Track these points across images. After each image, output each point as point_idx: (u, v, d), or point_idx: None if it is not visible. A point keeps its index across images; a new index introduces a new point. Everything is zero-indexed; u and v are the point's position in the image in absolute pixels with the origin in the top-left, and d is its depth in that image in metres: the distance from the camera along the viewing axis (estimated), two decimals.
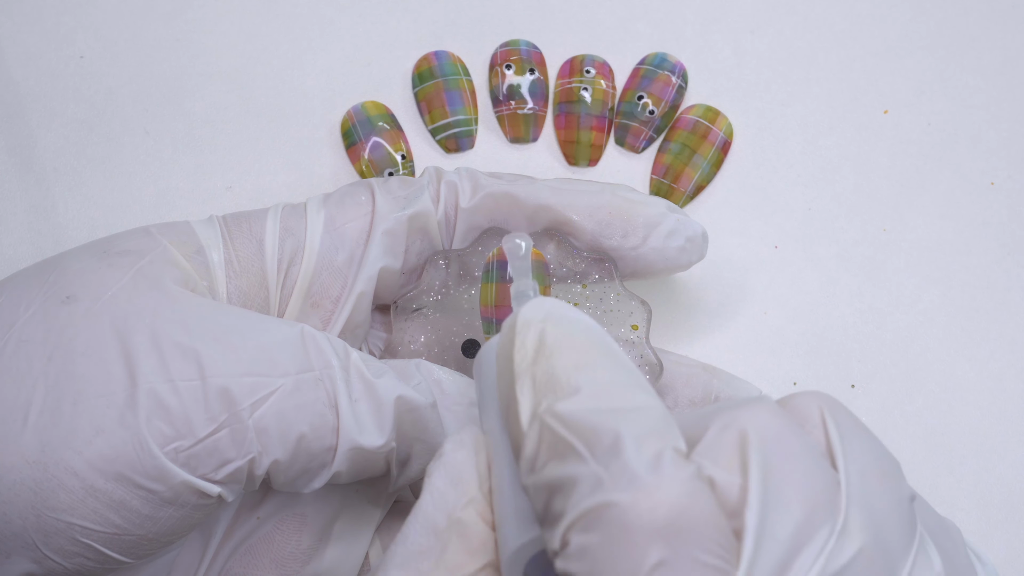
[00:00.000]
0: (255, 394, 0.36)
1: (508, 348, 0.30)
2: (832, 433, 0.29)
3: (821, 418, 0.30)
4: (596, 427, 0.27)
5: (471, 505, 0.30)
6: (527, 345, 0.30)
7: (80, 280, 0.38)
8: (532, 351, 0.30)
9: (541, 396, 0.29)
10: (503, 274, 0.42)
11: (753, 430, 0.28)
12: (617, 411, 0.28)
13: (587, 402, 0.28)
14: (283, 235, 0.42)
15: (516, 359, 0.30)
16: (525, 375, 0.29)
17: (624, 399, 0.28)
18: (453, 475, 0.31)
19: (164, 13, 0.55)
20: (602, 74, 0.54)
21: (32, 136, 0.53)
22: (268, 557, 0.41)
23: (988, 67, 0.55)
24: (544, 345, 0.30)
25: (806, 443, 0.28)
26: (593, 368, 0.29)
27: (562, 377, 0.29)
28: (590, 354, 0.29)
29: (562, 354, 0.29)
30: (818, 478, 0.28)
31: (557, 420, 0.28)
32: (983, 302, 0.52)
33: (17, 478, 0.35)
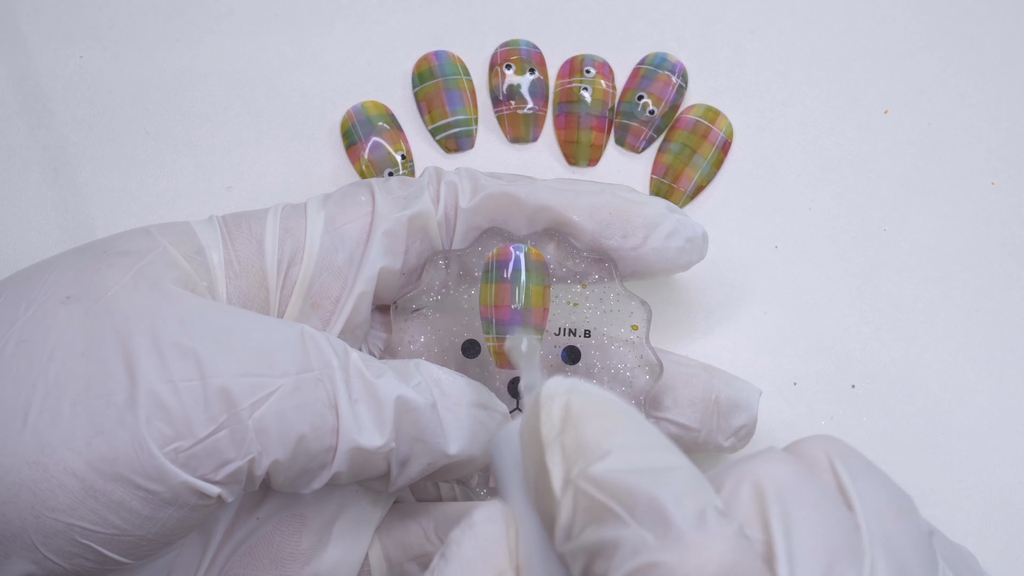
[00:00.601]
0: (255, 394, 0.36)
1: (534, 422, 0.31)
2: (843, 475, 0.30)
3: (829, 462, 0.30)
4: (632, 488, 0.28)
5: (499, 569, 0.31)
6: (553, 416, 0.30)
7: (80, 280, 0.38)
8: (559, 421, 0.30)
9: (572, 462, 0.29)
10: (502, 274, 0.42)
11: (767, 482, 0.28)
12: (651, 472, 0.28)
13: (619, 464, 0.29)
14: (283, 235, 0.42)
15: (543, 430, 0.30)
16: (554, 444, 0.30)
17: (655, 460, 0.29)
18: (484, 546, 0.31)
19: (164, 13, 0.55)
20: (602, 74, 0.54)
21: (32, 136, 0.53)
22: (268, 558, 0.41)
23: (988, 67, 0.55)
24: (571, 414, 0.30)
25: (820, 488, 0.29)
26: (621, 432, 0.30)
27: (591, 442, 0.29)
28: (616, 419, 0.30)
29: (589, 421, 0.30)
30: (838, 523, 0.28)
31: (591, 484, 0.28)
32: (983, 302, 0.52)
33: (16, 479, 0.35)
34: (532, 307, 0.42)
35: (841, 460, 0.30)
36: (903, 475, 0.49)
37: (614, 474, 0.28)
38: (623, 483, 0.28)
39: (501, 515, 0.31)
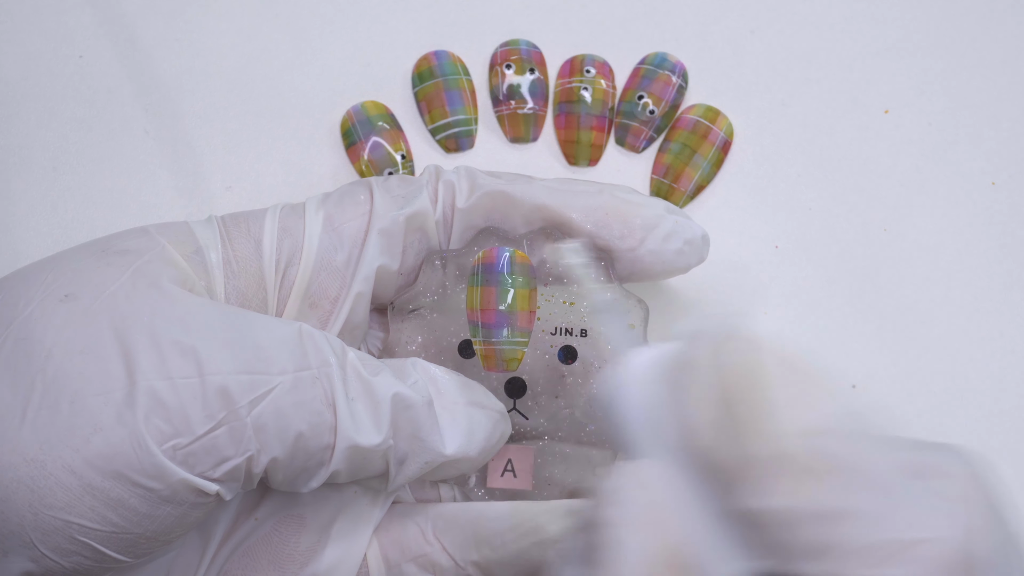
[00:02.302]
0: (253, 392, 0.36)
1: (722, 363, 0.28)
2: None
3: None
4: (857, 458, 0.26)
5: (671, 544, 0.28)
6: (751, 366, 0.28)
7: (78, 279, 0.38)
8: (758, 375, 0.28)
9: (779, 421, 0.27)
10: (488, 277, 0.42)
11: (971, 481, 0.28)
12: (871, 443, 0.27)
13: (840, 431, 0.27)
14: (281, 235, 0.42)
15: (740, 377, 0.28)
16: (754, 395, 0.27)
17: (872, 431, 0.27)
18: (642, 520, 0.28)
19: (164, 13, 0.55)
20: (602, 74, 0.54)
21: (32, 136, 0.53)
22: (266, 558, 0.41)
23: (988, 67, 0.55)
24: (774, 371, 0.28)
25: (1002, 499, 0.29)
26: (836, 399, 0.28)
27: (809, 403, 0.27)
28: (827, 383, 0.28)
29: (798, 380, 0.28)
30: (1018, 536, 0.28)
31: (807, 446, 0.26)
32: (983, 302, 0.52)
33: (14, 476, 0.35)
34: (518, 310, 0.42)
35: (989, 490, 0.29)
36: None
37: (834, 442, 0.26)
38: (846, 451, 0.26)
39: (650, 478, 0.29)
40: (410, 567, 0.42)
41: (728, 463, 0.28)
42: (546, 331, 0.44)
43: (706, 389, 0.28)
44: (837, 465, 0.26)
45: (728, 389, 0.28)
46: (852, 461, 0.26)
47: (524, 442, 0.44)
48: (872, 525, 0.26)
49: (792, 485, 0.26)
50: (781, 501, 0.27)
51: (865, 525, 0.26)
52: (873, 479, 0.26)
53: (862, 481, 0.26)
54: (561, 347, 0.44)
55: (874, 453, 0.27)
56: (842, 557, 0.26)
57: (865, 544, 0.26)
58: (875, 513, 0.26)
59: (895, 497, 0.26)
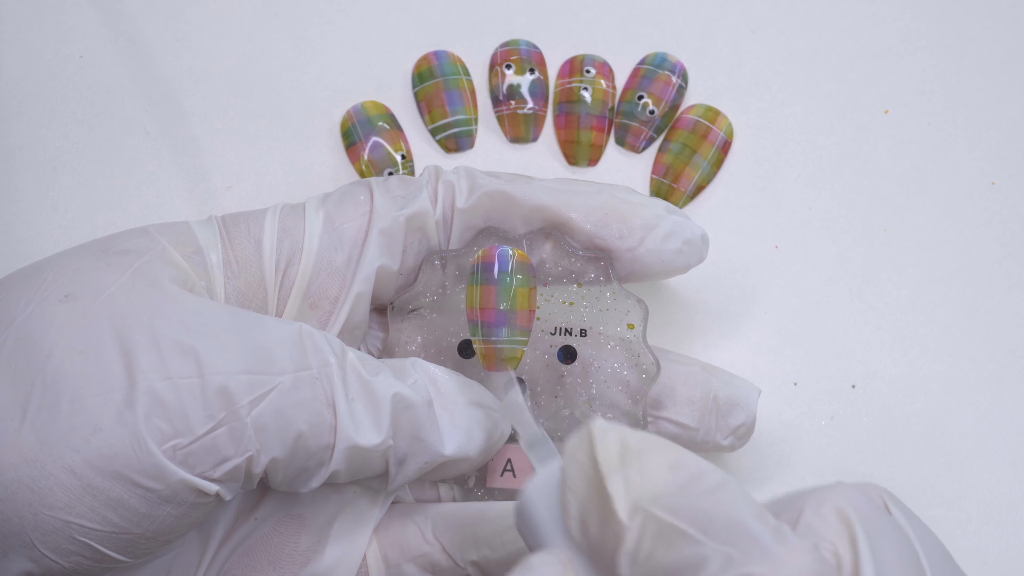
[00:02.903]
0: (253, 392, 0.36)
1: (586, 456, 0.31)
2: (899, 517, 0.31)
3: (883, 503, 0.31)
4: (708, 510, 0.29)
5: None
6: (610, 449, 0.31)
7: (78, 279, 0.38)
8: (617, 454, 0.30)
9: (637, 492, 0.30)
10: (488, 276, 0.42)
11: (850, 508, 0.30)
12: (719, 496, 0.29)
13: (692, 487, 0.29)
14: (281, 235, 0.42)
15: (602, 461, 0.30)
16: (615, 474, 0.30)
17: (721, 483, 0.30)
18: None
19: (164, 13, 0.55)
20: (602, 74, 0.54)
21: (32, 136, 0.53)
22: (266, 558, 0.41)
23: (988, 67, 0.55)
24: (629, 447, 0.30)
25: (893, 523, 0.30)
26: (683, 461, 0.30)
27: (655, 472, 0.30)
28: (675, 449, 0.31)
29: (650, 452, 0.30)
30: (912, 559, 0.29)
31: (664, 510, 0.29)
32: (983, 302, 0.52)
33: (14, 476, 0.35)
34: (518, 309, 0.42)
35: (893, 503, 0.31)
36: (903, 475, 0.49)
37: (684, 499, 0.29)
38: (698, 506, 0.29)
39: (558, 559, 0.31)
40: (410, 567, 0.42)
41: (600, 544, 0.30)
42: (546, 331, 0.44)
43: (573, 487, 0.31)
44: (692, 521, 0.28)
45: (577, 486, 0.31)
46: (705, 516, 0.29)
47: None
48: (723, 568, 0.28)
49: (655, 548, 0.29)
50: (646, 565, 0.29)
51: (717, 569, 0.28)
52: (723, 527, 0.28)
53: (713, 531, 0.28)
54: (561, 347, 0.44)
55: (724, 505, 0.29)
56: None
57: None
58: (724, 557, 0.28)
59: (744, 539, 0.28)
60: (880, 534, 0.29)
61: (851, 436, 0.50)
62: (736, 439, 0.45)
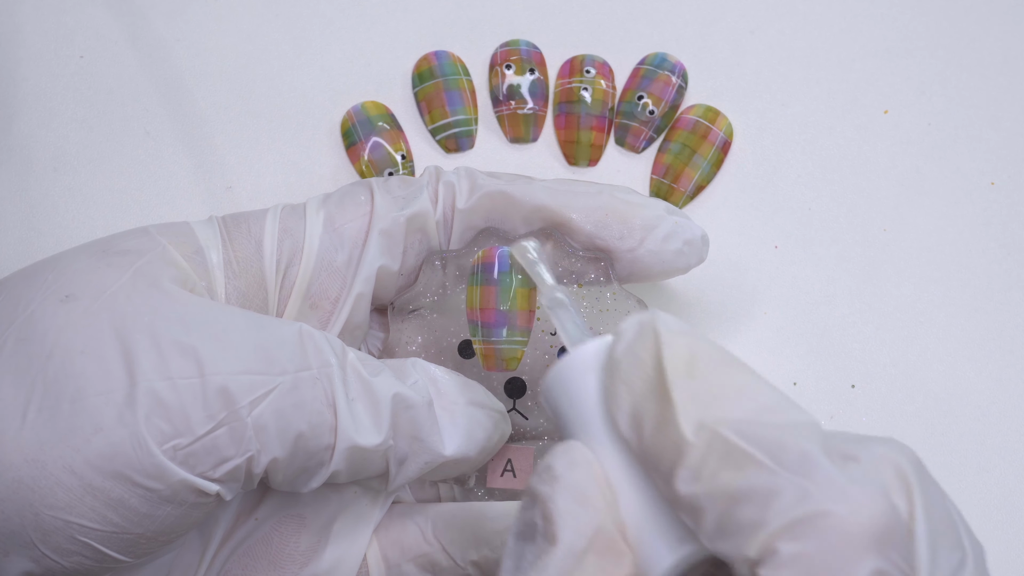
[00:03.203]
0: (253, 392, 0.36)
1: (650, 357, 0.29)
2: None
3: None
4: (780, 440, 0.27)
5: (606, 521, 0.29)
6: (678, 356, 0.29)
7: (79, 279, 0.38)
8: (684, 364, 0.29)
9: (706, 407, 0.28)
10: (488, 277, 0.42)
11: (906, 465, 0.28)
12: (792, 427, 0.28)
13: (760, 416, 0.28)
14: (282, 236, 0.42)
15: (669, 368, 0.29)
16: (682, 385, 0.28)
17: (792, 416, 0.28)
18: (577, 495, 0.29)
19: (164, 13, 0.55)
20: (602, 74, 0.54)
21: (32, 136, 0.53)
22: (266, 558, 0.41)
23: (988, 67, 0.55)
24: (698, 360, 0.29)
25: (937, 486, 0.29)
26: (754, 386, 0.29)
27: (728, 391, 0.28)
28: (746, 373, 0.29)
29: (721, 370, 0.29)
30: (955, 525, 0.29)
31: (734, 431, 0.27)
32: (983, 302, 0.52)
33: (15, 476, 0.35)
34: (518, 309, 0.42)
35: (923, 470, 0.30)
36: None
37: (757, 426, 0.27)
38: (769, 434, 0.27)
39: (583, 458, 0.30)
40: (410, 567, 0.42)
41: (656, 451, 0.29)
42: (546, 331, 0.44)
43: (629, 382, 0.30)
44: (764, 449, 0.27)
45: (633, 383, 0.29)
46: (777, 445, 0.27)
47: (524, 442, 0.44)
48: (797, 501, 0.27)
49: (720, 469, 0.27)
50: (709, 485, 0.27)
51: (791, 501, 0.27)
52: (794, 459, 0.27)
53: (786, 462, 0.27)
54: (561, 347, 0.44)
55: (796, 438, 0.27)
56: (773, 533, 0.27)
57: (792, 518, 0.26)
58: (799, 490, 0.27)
59: (818, 475, 0.27)
60: (931, 497, 0.28)
61: None
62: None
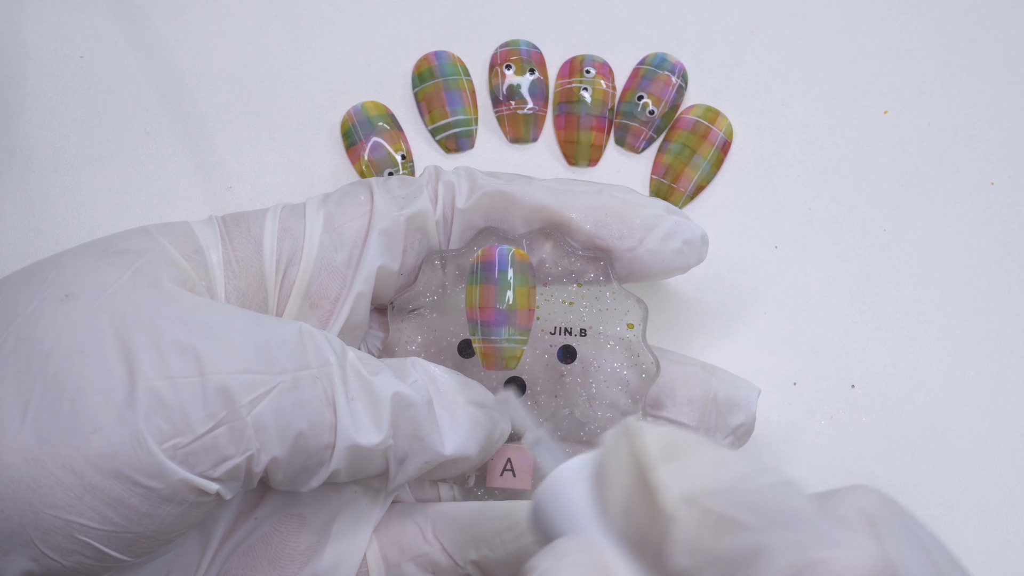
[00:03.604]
0: (253, 391, 0.36)
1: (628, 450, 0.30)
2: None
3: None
4: (764, 501, 0.28)
5: None
6: (654, 444, 0.30)
7: (79, 278, 0.38)
8: (661, 450, 0.30)
9: (688, 485, 0.29)
10: (488, 275, 0.42)
11: (876, 509, 0.29)
12: (772, 488, 0.28)
13: (742, 484, 0.29)
14: (281, 235, 0.42)
15: (649, 454, 0.30)
16: (661, 467, 0.29)
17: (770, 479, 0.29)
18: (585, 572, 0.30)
19: (164, 13, 0.55)
20: (602, 74, 0.54)
21: (32, 136, 0.53)
22: (266, 558, 0.41)
23: (988, 67, 0.55)
24: (674, 444, 0.30)
25: (915, 521, 0.30)
26: (730, 459, 0.29)
27: (708, 467, 0.29)
28: (718, 449, 0.30)
29: (696, 450, 0.30)
30: (935, 558, 0.29)
31: (717, 500, 0.28)
32: (983, 302, 0.52)
33: (15, 475, 0.35)
34: (517, 308, 0.42)
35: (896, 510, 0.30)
36: (903, 475, 0.49)
37: (739, 492, 0.28)
38: (752, 498, 0.28)
39: (587, 544, 0.31)
40: (410, 567, 0.42)
41: (648, 535, 0.29)
42: (545, 331, 0.44)
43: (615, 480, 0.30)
44: (751, 511, 0.28)
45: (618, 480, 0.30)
46: (762, 506, 0.28)
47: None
48: (790, 553, 0.27)
49: (710, 538, 0.28)
50: (701, 555, 0.28)
51: (784, 554, 0.27)
52: (781, 516, 0.27)
53: (774, 520, 0.27)
54: (560, 347, 0.44)
55: (778, 497, 0.28)
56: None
57: (788, 570, 0.27)
58: (790, 543, 0.27)
59: (807, 527, 0.27)
60: (911, 537, 0.28)
61: (851, 436, 0.50)
62: (736, 439, 0.45)
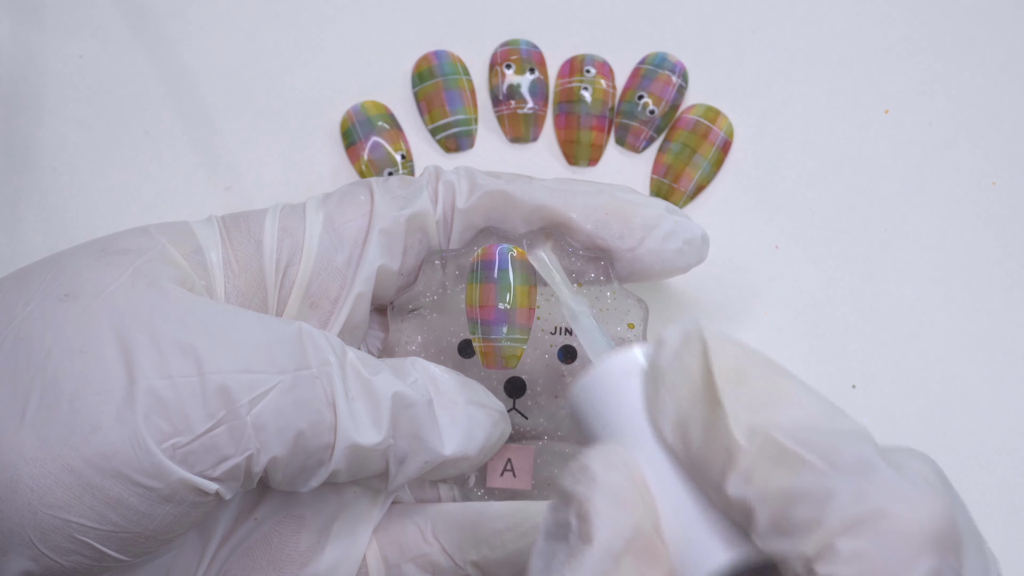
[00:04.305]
0: (253, 391, 0.36)
1: (696, 362, 0.29)
2: None
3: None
4: (834, 444, 0.27)
5: (644, 523, 0.29)
6: (727, 363, 0.29)
7: (78, 278, 0.38)
8: (733, 371, 0.29)
9: (756, 414, 0.28)
10: (488, 274, 0.42)
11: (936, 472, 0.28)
12: (845, 433, 0.28)
13: (813, 423, 0.28)
14: (281, 235, 0.42)
15: (718, 373, 0.29)
16: (731, 391, 0.28)
17: (843, 424, 0.28)
18: (615, 496, 0.29)
19: (164, 13, 0.55)
20: (602, 74, 0.54)
21: (32, 136, 0.53)
22: (266, 559, 0.41)
23: (988, 67, 0.55)
24: (747, 367, 0.29)
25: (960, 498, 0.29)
26: (805, 395, 0.29)
27: (780, 400, 0.28)
28: (794, 383, 0.29)
29: (770, 379, 0.29)
30: (978, 532, 0.29)
31: (786, 436, 0.27)
32: (983, 302, 0.52)
33: (14, 475, 0.35)
34: (518, 307, 0.42)
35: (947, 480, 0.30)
36: None
37: (809, 431, 0.27)
38: (823, 439, 0.27)
39: (620, 459, 0.30)
40: (409, 567, 0.42)
41: (706, 457, 0.28)
42: (545, 331, 0.44)
43: (674, 389, 0.30)
44: (819, 452, 0.27)
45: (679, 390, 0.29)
46: (832, 448, 0.27)
47: (524, 442, 0.44)
48: (856, 500, 0.26)
49: (774, 472, 0.27)
50: (763, 486, 0.27)
51: (849, 501, 0.26)
52: (850, 462, 0.27)
53: (842, 464, 0.27)
54: (561, 346, 0.44)
55: (848, 442, 0.27)
56: (831, 530, 0.26)
57: (851, 516, 0.26)
58: (857, 490, 0.27)
59: (875, 476, 0.27)
60: (959, 506, 0.28)
61: None
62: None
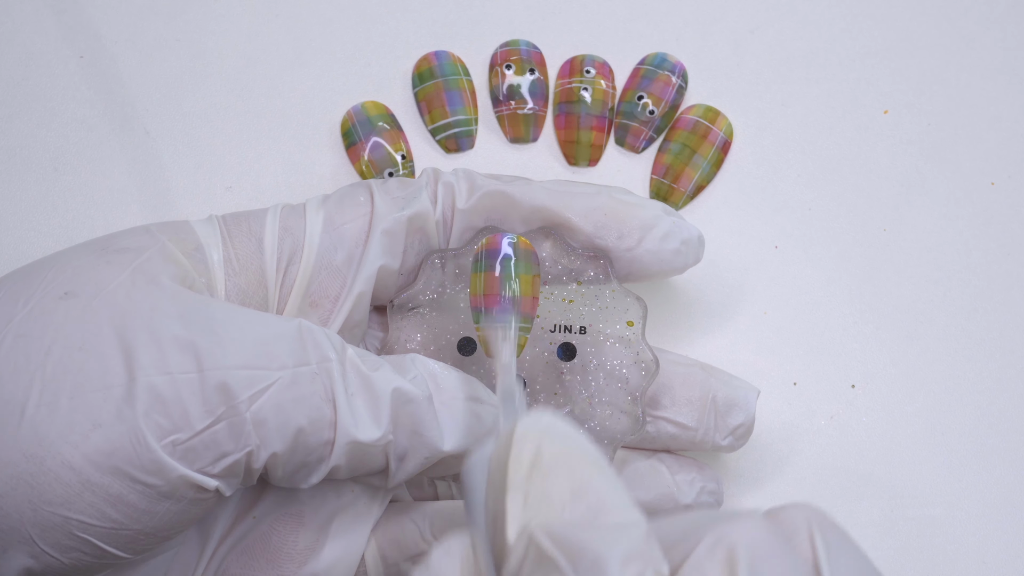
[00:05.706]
0: (253, 387, 0.36)
1: (503, 459, 0.30)
2: (819, 549, 0.29)
3: (809, 533, 0.29)
4: (582, 545, 0.28)
5: None
6: (523, 459, 0.30)
7: (78, 276, 0.38)
8: (527, 466, 0.30)
9: (533, 512, 0.29)
10: (491, 263, 0.42)
11: (742, 549, 0.28)
12: (604, 531, 0.28)
13: (577, 519, 0.29)
14: (282, 234, 0.42)
15: (510, 471, 0.30)
16: (518, 489, 0.30)
17: (613, 518, 0.29)
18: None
19: (164, 13, 0.55)
20: (602, 74, 0.54)
21: (32, 136, 0.53)
22: (265, 557, 0.41)
23: (988, 67, 0.55)
24: (540, 462, 0.30)
25: (794, 561, 0.29)
26: (586, 489, 0.29)
27: (555, 495, 0.29)
28: (585, 473, 0.30)
29: (557, 472, 0.30)
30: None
31: (546, 536, 0.28)
32: (983, 302, 0.52)
33: (13, 472, 0.35)
34: (522, 296, 0.42)
35: (820, 532, 0.29)
36: (903, 476, 0.49)
37: (569, 529, 0.28)
38: (575, 539, 0.28)
39: (457, 551, 0.31)
40: (408, 566, 0.42)
41: (495, 552, 0.30)
42: (545, 329, 0.44)
43: (492, 482, 0.31)
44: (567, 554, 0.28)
45: (493, 484, 0.31)
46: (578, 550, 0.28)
47: None
48: None
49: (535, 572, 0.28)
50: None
51: None
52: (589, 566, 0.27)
53: (580, 567, 0.27)
54: (560, 344, 0.44)
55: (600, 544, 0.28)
56: None
57: None
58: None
59: None
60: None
61: (851, 436, 0.50)
62: (735, 439, 0.45)
